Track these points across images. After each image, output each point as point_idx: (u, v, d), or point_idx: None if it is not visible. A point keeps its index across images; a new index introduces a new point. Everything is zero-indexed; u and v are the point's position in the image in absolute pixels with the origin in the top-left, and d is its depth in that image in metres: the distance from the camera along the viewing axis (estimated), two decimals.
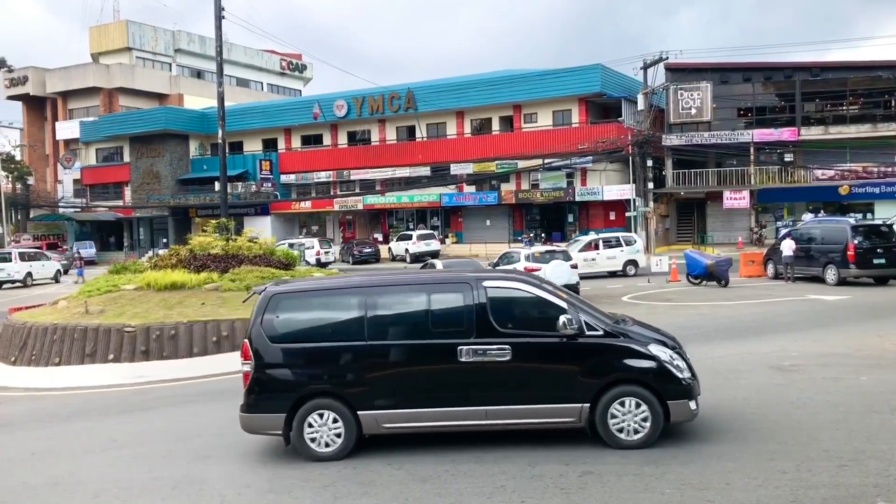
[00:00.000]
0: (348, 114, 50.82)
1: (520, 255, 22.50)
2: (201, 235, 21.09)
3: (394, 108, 49.13)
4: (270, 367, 8.13)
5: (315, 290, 8.73)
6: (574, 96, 44.27)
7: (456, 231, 48.75)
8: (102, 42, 65.63)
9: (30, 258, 40.00)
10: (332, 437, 8.04)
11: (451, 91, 47.58)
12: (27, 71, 63.73)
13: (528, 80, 45.28)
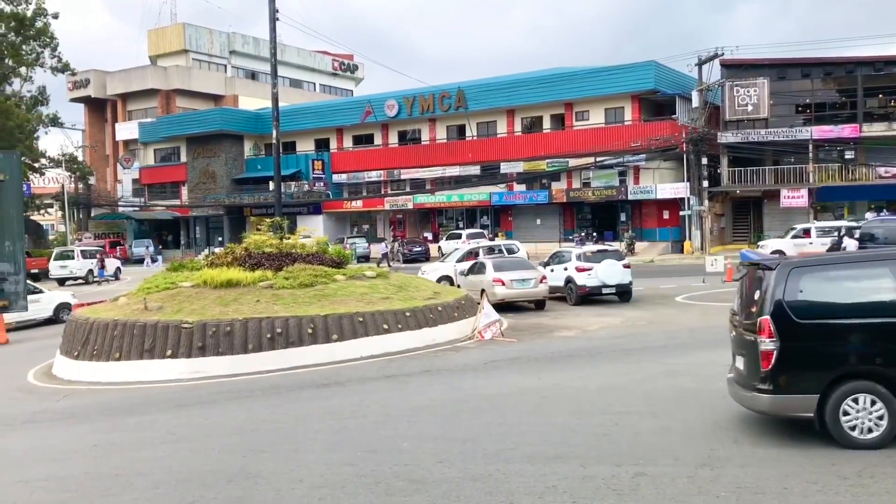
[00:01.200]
0: (399, 113, 51.11)
1: (571, 255, 22.34)
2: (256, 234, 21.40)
3: (444, 108, 49.22)
4: (799, 346, 7.59)
5: (839, 263, 8.28)
6: (627, 93, 43.75)
7: (506, 230, 48.62)
8: (160, 45, 67.23)
9: (91, 255, 41.23)
10: (875, 421, 7.38)
11: (501, 89, 47.47)
12: (89, 74, 65.62)
13: (580, 78, 44.91)
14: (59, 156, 59.18)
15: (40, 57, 56.21)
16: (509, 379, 12.10)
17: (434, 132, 51.43)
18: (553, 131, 46.83)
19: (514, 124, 48.32)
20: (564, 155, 44.64)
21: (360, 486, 7.34)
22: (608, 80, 43.79)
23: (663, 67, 43.58)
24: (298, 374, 13.63)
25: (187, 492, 7.57)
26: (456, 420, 9.56)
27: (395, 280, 18.40)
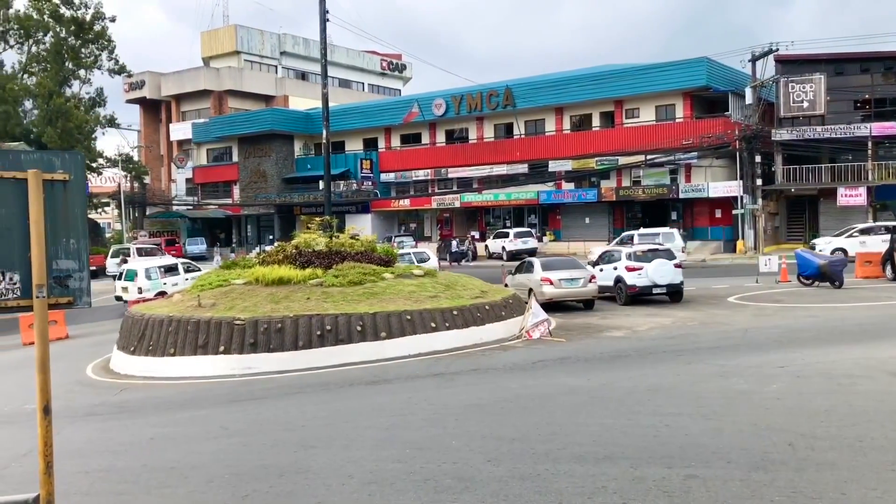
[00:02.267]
0: (446, 112, 51.19)
1: (621, 254, 22.11)
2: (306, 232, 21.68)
3: (492, 106, 49.14)
4: None
5: None
6: (678, 90, 43.09)
7: (554, 229, 48.34)
8: (213, 46, 68.53)
9: (147, 253, 42.23)
10: None
11: (550, 87, 47.20)
12: (144, 76, 67.20)
13: (630, 75, 44.41)
14: (115, 156, 60.79)
15: (98, 60, 57.88)
16: (558, 379, 12.04)
17: (481, 131, 51.38)
18: (602, 129, 46.39)
19: (562, 122, 48.00)
20: (614, 153, 44.18)
21: (410, 483, 7.39)
22: (659, 76, 43.19)
23: (715, 64, 42.81)
24: (347, 371, 13.77)
25: (240, 486, 7.71)
26: (504, 419, 9.55)
27: (442, 279, 18.46)
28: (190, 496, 7.56)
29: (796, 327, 15.82)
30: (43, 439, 4.08)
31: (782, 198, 44.73)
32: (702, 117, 43.32)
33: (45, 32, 55.52)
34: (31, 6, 54.55)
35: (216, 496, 7.49)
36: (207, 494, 7.55)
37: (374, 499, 7.07)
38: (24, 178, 3.96)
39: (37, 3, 54.28)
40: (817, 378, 10.82)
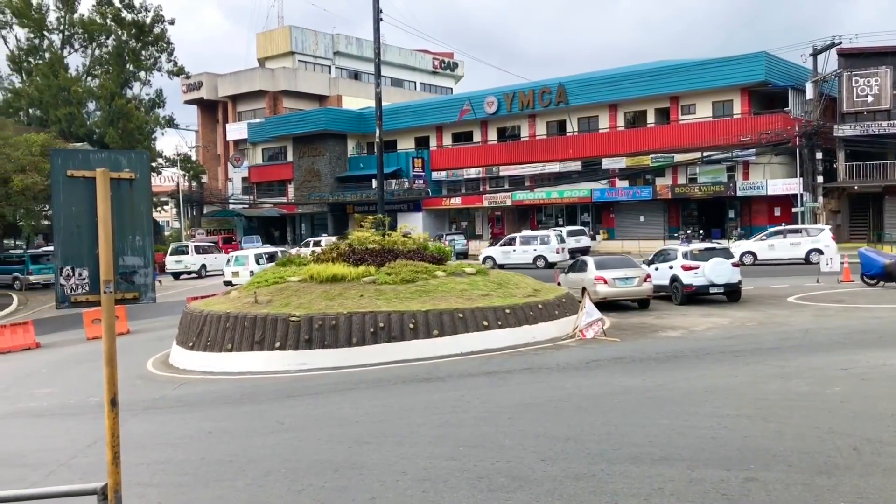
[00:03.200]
0: (498, 110, 51.07)
1: (677, 253, 21.75)
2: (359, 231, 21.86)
3: (544, 103, 48.85)
4: None
5: None
6: (736, 86, 42.23)
7: (607, 227, 47.85)
8: (268, 47, 69.63)
9: (204, 251, 43.18)
10: None
11: (603, 84, 46.70)
12: (202, 77, 68.64)
13: (686, 71, 43.66)
14: (174, 155, 62.27)
15: (157, 62, 59.42)
16: (612, 378, 11.91)
17: (534, 128, 51.13)
18: (657, 126, 45.71)
19: (616, 119, 47.45)
20: (669, 150, 43.51)
21: (463, 480, 7.39)
22: (716, 72, 42.38)
23: (774, 58, 41.80)
24: (400, 369, 13.84)
25: (296, 480, 7.82)
26: (557, 418, 9.49)
27: (494, 277, 18.42)
28: (247, 489, 7.70)
29: (860, 328, 15.35)
30: (110, 430, 4.20)
31: (844, 195, 43.44)
32: (760, 113, 42.35)
33: (108, 36, 57.17)
34: (95, 10, 56.22)
35: (272, 490, 7.61)
36: (264, 488, 7.68)
37: (427, 496, 7.10)
38: (92, 176, 4.09)
39: (100, 8, 55.93)
40: (883, 381, 10.48)
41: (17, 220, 36.63)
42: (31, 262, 39.49)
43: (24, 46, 57.09)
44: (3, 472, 9.29)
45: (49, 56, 56.47)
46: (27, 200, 32.55)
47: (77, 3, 56.67)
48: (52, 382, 16.24)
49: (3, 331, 21.90)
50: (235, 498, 7.50)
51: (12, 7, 55.09)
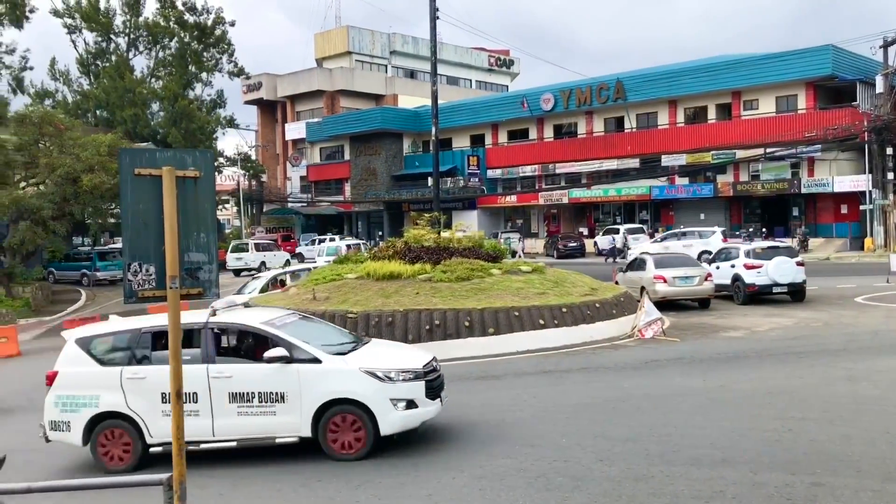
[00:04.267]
0: (555, 107, 50.68)
1: (738, 251, 21.25)
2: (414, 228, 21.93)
3: (602, 100, 48.29)
4: None
5: None
6: (800, 80, 41.02)
7: (666, 225, 47.03)
8: (326, 48, 70.48)
9: (264, 248, 43.98)
10: None
11: (663, 79, 45.90)
12: (261, 77, 69.86)
13: (748, 65, 42.60)
14: (234, 155, 63.54)
15: (219, 63, 60.70)
16: (672, 379, 11.71)
17: (591, 125, 50.59)
18: (718, 122, 44.75)
19: (676, 115, 46.61)
20: (731, 146, 42.54)
21: (520, 479, 7.37)
22: (780, 66, 41.24)
23: (841, 51, 40.48)
24: (455, 366, 13.84)
25: (355, 475, 7.90)
26: (616, 419, 9.37)
27: (551, 275, 18.28)
28: (306, 483, 7.82)
29: None
30: (175, 423, 4.30)
31: None
32: (826, 108, 41.08)
33: (171, 38, 58.65)
34: (159, 13, 57.74)
35: (330, 483, 7.71)
36: (322, 482, 7.79)
37: (484, 494, 7.09)
38: (158, 175, 4.19)
39: (163, 11, 57.40)
40: None
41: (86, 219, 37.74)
42: (99, 259, 40.79)
43: (92, 50, 58.98)
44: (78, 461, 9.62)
45: (115, 59, 58.21)
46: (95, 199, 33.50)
47: (142, 7, 58.30)
48: None
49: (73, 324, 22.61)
50: (294, 491, 7.63)
51: (82, 12, 56.98)
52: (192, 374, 8.16)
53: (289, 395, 8.42)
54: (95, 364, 8.91)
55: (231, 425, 8.49)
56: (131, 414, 8.65)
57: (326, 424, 8.37)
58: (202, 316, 8.95)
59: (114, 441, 8.72)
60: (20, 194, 31.71)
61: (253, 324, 8.96)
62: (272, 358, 8.37)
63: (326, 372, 8.47)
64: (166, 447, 8.11)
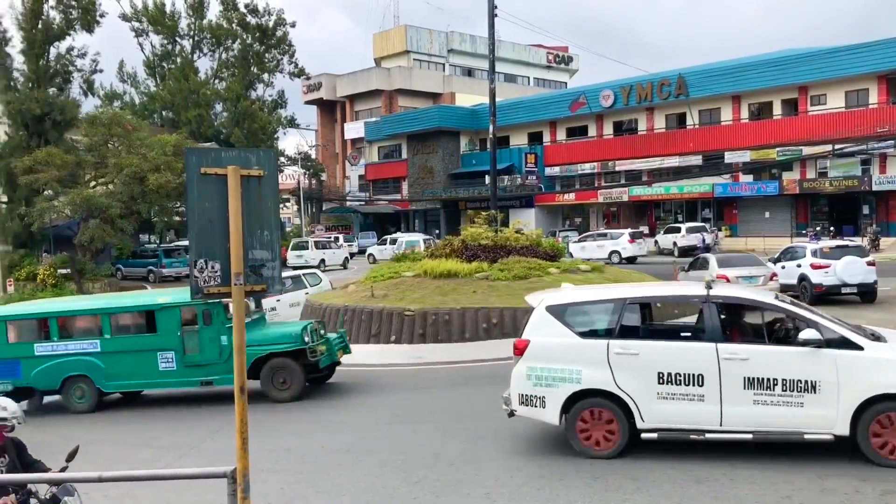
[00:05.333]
0: (615, 103, 50.03)
1: (805, 251, 20.64)
2: (471, 227, 21.96)
3: (663, 96, 47.47)
4: None
5: None
6: (872, 74, 39.62)
7: (730, 223, 45.99)
8: (384, 47, 71.01)
9: (323, 246, 44.57)
10: None
11: (726, 74, 44.87)
12: (321, 78, 70.79)
13: (816, 59, 41.33)
14: (295, 154, 64.55)
15: (280, 64, 61.75)
16: None
17: (652, 122, 49.80)
18: (784, 117, 43.54)
19: (739, 111, 45.53)
20: (797, 142, 41.33)
21: (579, 479, 7.30)
22: (850, 59, 39.89)
23: None
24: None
25: (412, 472, 7.95)
26: None
27: (610, 274, 18.10)
28: (364, 479, 7.88)
29: None
30: (239, 417, 4.38)
31: None
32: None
33: (234, 40, 59.90)
34: (222, 16, 59.03)
35: (388, 480, 7.76)
36: (381, 478, 7.85)
37: (542, 492, 7.05)
38: (224, 174, 4.28)
39: (226, 13, 58.67)
40: None
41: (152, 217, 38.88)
42: (164, 256, 41.96)
43: (158, 52, 60.67)
44: (141, 452, 9.92)
45: (180, 61, 59.72)
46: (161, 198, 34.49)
47: (206, 10, 59.69)
48: None
49: None
50: (353, 487, 7.70)
51: (148, 15, 58.65)
52: (699, 354, 7.58)
53: (822, 385, 7.29)
54: (573, 335, 8.13)
55: (744, 414, 7.46)
56: (619, 393, 7.79)
57: (869, 423, 7.17)
58: (699, 288, 8.13)
59: (596, 422, 7.91)
60: (90, 193, 32.80)
61: (766, 300, 8.05)
62: (806, 340, 7.35)
63: (871, 360, 7.29)
64: (663, 434, 7.69)
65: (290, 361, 12.02)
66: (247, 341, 11.23)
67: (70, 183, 33.63)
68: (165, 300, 12.63)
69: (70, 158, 34.20)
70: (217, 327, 12.22)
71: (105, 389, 12.72)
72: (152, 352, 12.42)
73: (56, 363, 12.60)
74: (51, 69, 38.36)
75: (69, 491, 5.47)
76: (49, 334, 12.79)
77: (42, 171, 32.50)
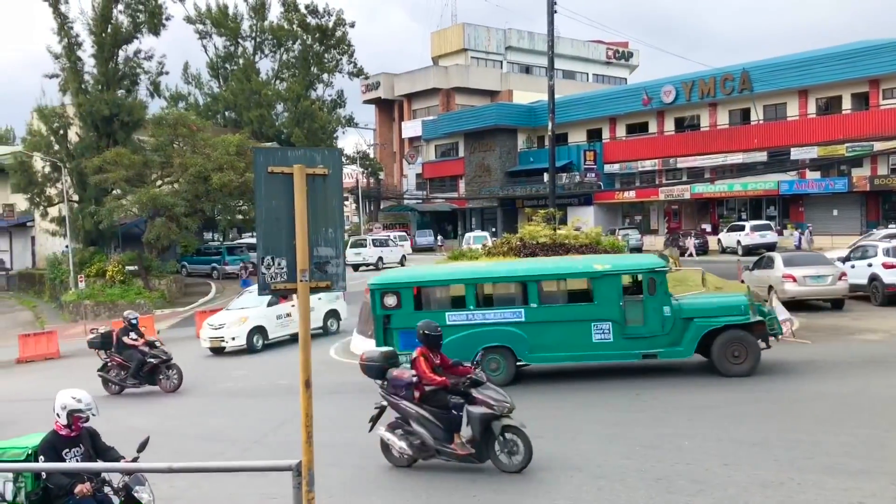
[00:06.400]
0: (676, 99, 49.14)
1: (877, 249, 19.95)
2: (529, 225, 21.82)
3: (726, 91, 46.42)
4: None
5: None
6: None
7: (796, 222, 44.74)
8: (442, 46, 71.18)
9: (381, 244, 44.97)
10: None
11: (792, 68, 43.62)
12: (379, 77, 71.37)
13: (888, 51, 39.85)
14: (353, 153, 65.20)
15: (339, 64, 62.47)
16: (803, 382, 11.13)
17: (714, 117, 48.76)
18: (854, 112, 42.12)
19: (806, 106, 44.21)
20: (868, 138, 39.93)
21: (640, 480, 7.21)
22: None
23: None
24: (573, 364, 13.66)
25: (469, 470, 7.94)
26: (741, 422, 9.01)
27: (672, 274, 17.77)
28: (424, 475, 7.93)
29: None
30: (304, 411, 4.46)
31: None
32: None
33: (294, 41, 60.82)
34: (283, 17, 60.02)
35: (449, 477, 7.79)
36: (441, 474, 7.88)
37: (602, 493, 6.99)
38: (290, 172, 4.36)
39: (287, 14, 59.62)
40: None
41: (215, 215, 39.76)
42: (227, 254, 42.95)
43: (221, 54, 61.99)
44: (208, 445, 10.17)
45: (242, 62, 60.92)
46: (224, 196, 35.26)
47: (267, 11, 60.76)
48: (244, 365, 17.54)
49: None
50: (414, 483, 7.76)
51: (212, 18, 60.00)
52: None
53: None
54: None
55: None
56: None
57: None
58: None
59: None
60: (157, 192, 33.72)
61: None
62: None
63: None
64: None
65: (747, 334, 11.43)
66: (696, 311, 11.19)
67: (137, 182, 34.62)
68: (603, 267, 11.72)
69: (137, 158, 35.21)
70: (661, 297, 11.49)
71: (528, 362, 12.02)
72: (586, 322, 11.58)
73: (471, 333, 11.74)
74: (119, 72, 39.55)
75: (140, 480, 5.68)
76: (464, 302, 11.95)
77: (111, 171, 33.54)
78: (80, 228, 38.05)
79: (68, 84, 38.94)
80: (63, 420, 5.71)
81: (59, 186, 38.33)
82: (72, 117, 39.32)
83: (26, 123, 45.46)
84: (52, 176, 39.19)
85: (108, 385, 14.75)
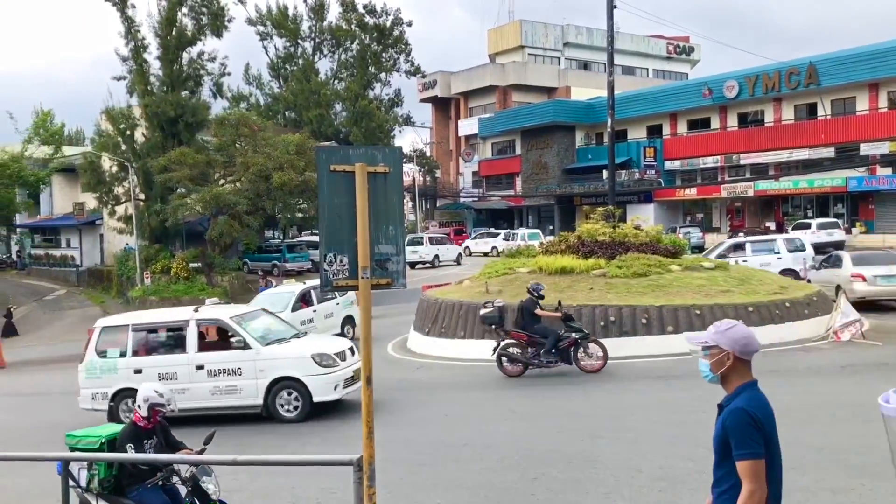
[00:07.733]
0: (739, 94, 48.01)
1: None
2: (588, 223, 21.61)
3: (792, 85, 45.15)
4: None
5: None
6: None
7: (865, 219, 43.26)
8: (499, 43, 70.97)
9: (437, 242, 45.12)
10: None
11: (861, 61, 42.17)
12: (436, 75, 71.54)
13: None
14: (410, 152, 65.52)
15: (396, 63, 62.83)
16: (874, 386, 10.68)
17: (779, 112, 47.47)
18: None
19: (877, 100, 42.69)
20: None
21: (702, 483, 7.02)
22: None
23: None
24: (632, 364, 13.51)
25: (529, 468, 7.92)
26: (808, 426, 8.75)
27: (735, 272, 17.38)
28: (482, 473, 7.92)
29: None
30: (366, 407, 4.50)
31: None
32: None
33: (352, 40, 61.42)
34: (341, 17, 60.67)
35: (506, 475, 7.77)
36: (499, 473, 7.86)
37: (664, 495, 6.88)
38: (351, 171, 4.40)
39: (345, 14, 60.22)
40: None
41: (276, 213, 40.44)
42: (287, 251, 43.65)
43: (281, 55, 63.00)
44: (269, 439, 10.36)
45: (302, 62, 61.78)
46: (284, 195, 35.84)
47: (326, 12, 61.50)
48: None
49: None
50: (472, 480, 7.76)
51: (272, 19, 61.02)
52: None
53: None
54: None
55: None
56: None
57: None
58: None
59: None
60: (220, 191, 34.47)
61: None
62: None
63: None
64: None
65: None
66: None
67: (201, 181, 35.44)
68: None
69: (201, 158, 36.06)
70: None
71: None
72: None
73: None
74: (183, 73, 40.55)
75: (207, 472, 5.87)
76: None
77: (176, 170, 34.43)
78: (146, 226, 39.15)
79: (135, 86, 40.11)
80: (143, 412, 6.00)
81: (127, 185, 39.51)
82: (138, 118, 40.49)
83: (95, 124, 47.03)
84: (119, 175, 40.44)
85: None
